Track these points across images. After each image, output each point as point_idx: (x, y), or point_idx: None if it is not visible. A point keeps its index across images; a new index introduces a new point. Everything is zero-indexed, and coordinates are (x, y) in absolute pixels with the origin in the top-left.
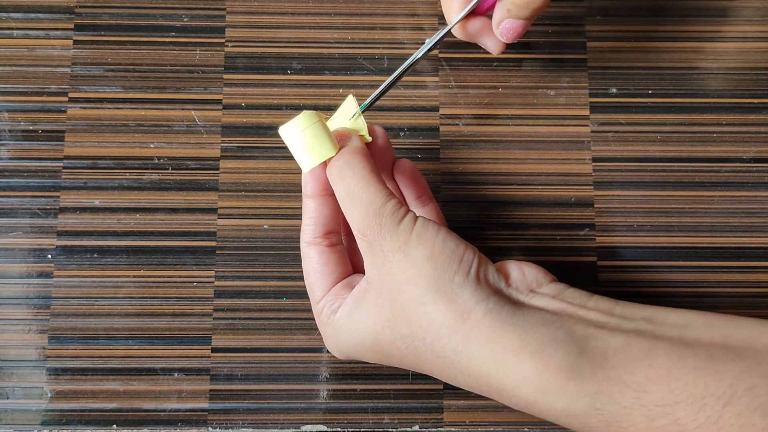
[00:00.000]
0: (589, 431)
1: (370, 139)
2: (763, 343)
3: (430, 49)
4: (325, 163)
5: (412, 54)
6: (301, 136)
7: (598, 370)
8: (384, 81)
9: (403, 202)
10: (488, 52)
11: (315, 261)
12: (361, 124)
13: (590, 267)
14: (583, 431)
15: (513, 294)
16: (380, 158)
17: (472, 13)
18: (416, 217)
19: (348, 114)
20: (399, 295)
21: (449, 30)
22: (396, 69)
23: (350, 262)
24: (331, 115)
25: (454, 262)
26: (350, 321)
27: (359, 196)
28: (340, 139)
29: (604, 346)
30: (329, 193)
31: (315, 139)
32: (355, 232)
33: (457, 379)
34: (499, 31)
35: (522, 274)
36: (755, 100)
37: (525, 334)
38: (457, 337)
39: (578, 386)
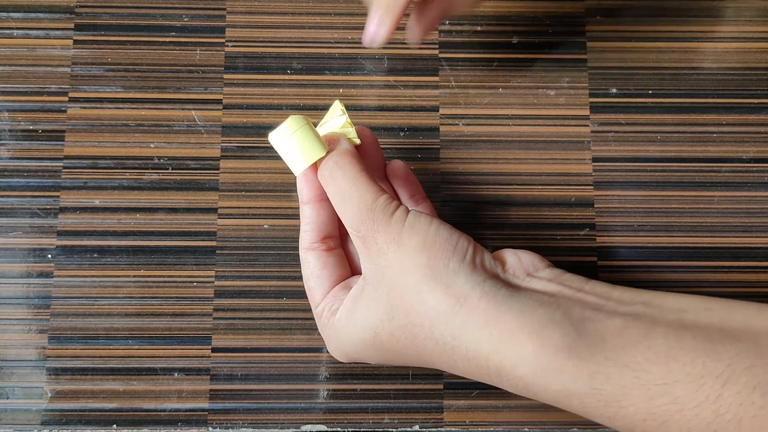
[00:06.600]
0: (587, 411)
1: (359, 141)
2: (761, 325)
3: None
4: (317, 167)
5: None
6: (291, 140)
7: (596, 351)
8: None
9: (394, 197)
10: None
11: (313, 266)
12: (349, 129)
13: (590, 267)
14: (581, 411)
15: (510, 278)
16: (370, 159)
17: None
18: (408, 210)
19: (335, 118)
20: (395, 286)
21: None
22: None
23: (349, 265)
24: (318, 122)
25: (447, 249)
26: (350, 320)
27: (350, 194)
28: (329, 144)
29: (602, 328)
30: (325, 198)
31: (304, 141)
32: (349, 230)
33: (457, 365)
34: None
35: (518, 260)
36: (755, 100)
37: (522, 316)
38: (455, 322)
39: (576, 366)
